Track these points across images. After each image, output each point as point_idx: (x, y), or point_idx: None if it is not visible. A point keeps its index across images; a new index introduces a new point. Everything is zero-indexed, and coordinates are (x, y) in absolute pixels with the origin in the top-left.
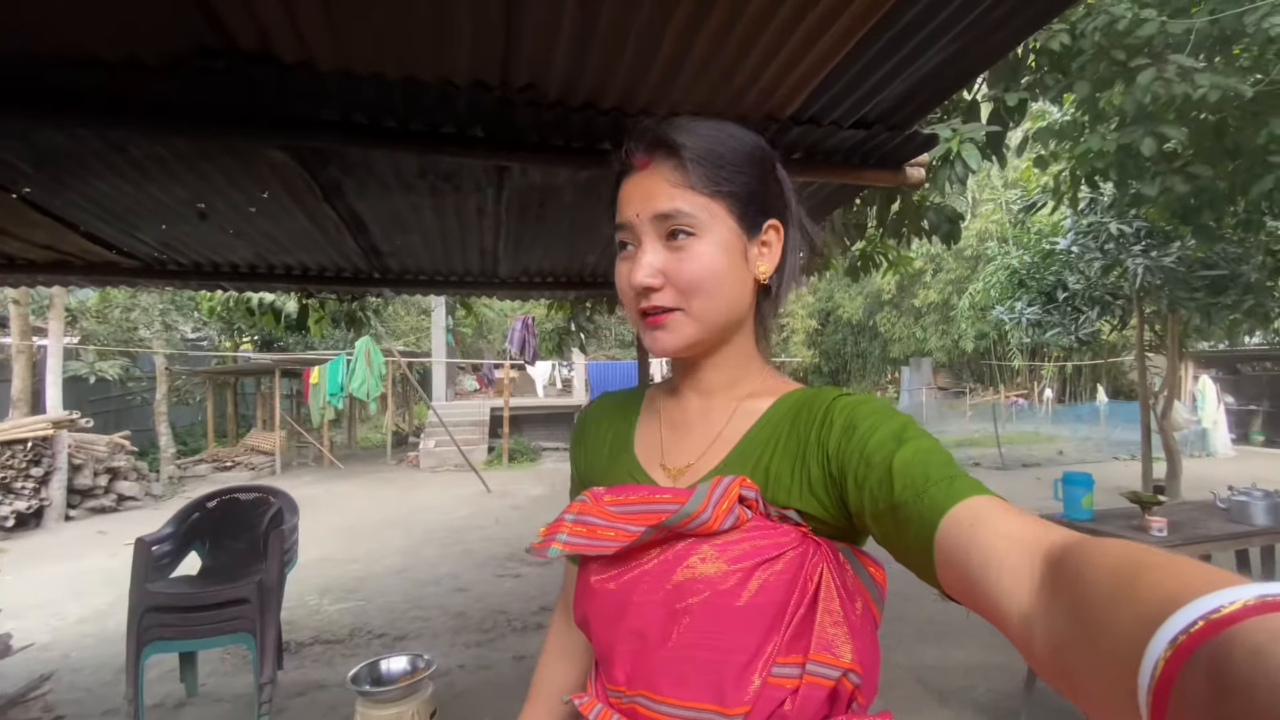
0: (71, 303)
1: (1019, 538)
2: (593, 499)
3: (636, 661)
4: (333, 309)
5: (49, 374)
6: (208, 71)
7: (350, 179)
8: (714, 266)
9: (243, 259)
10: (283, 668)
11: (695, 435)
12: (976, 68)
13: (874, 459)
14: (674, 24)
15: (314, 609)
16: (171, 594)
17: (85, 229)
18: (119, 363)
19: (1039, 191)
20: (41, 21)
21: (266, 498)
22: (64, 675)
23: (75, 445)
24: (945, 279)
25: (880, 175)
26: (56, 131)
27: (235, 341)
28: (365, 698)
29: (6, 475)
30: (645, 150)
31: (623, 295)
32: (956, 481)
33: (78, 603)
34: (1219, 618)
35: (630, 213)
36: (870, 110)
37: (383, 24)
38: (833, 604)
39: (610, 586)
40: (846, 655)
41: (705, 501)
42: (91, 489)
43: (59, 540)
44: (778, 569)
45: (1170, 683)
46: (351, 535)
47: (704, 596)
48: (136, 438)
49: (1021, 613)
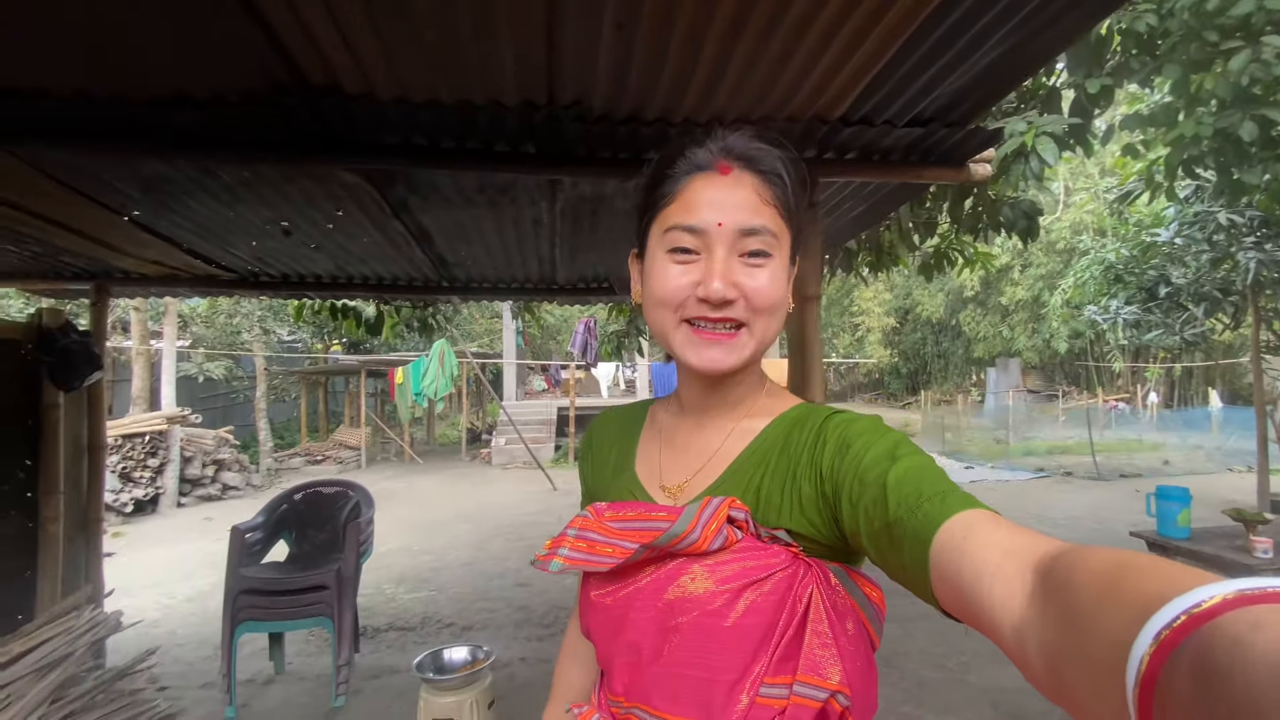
0: (183, 309)
1: (1010, 549)
2: (594, 515)
3: (633, 674)
4: (407, 315)
5: (164, 374)
6: (283, 105)
7: (415, 196)
8: (782, 291)
9: (324, 270)
10: (359, 651)
11: (692, 454)
12: (1034, 63)
13: (868, 477)
14: (713, 33)
15: (390, 597)
16: (261, 578)
17: (188, 246)
18: (224, 363)
19: (1134, 180)
20: (141, 69)
21: (346, 491)
22: (169, 650)
23: (186, 439)
24: (1035, 274)
25: (941, 173)
26: (159, 162)
27: (325, 344)
28: (429, 684)
29: (127, 465)
30: (730, 155)
31: (667, 299)
32: (949, 497)
33: (185, 583)
34: (1200, 612)
35: (710, 218)
36: (925, 107)
37: (432, 53)
38: (821, 625)
39: (608, 602)
40: (834, 677)
41: (694, 522)
42: (200, 479)
43: (171, 525)
44: (766, 590)
45: (1155, 678)
46: (427, 528)
47: (693, 616)
48: (239, 432)
49: (1014, 624)
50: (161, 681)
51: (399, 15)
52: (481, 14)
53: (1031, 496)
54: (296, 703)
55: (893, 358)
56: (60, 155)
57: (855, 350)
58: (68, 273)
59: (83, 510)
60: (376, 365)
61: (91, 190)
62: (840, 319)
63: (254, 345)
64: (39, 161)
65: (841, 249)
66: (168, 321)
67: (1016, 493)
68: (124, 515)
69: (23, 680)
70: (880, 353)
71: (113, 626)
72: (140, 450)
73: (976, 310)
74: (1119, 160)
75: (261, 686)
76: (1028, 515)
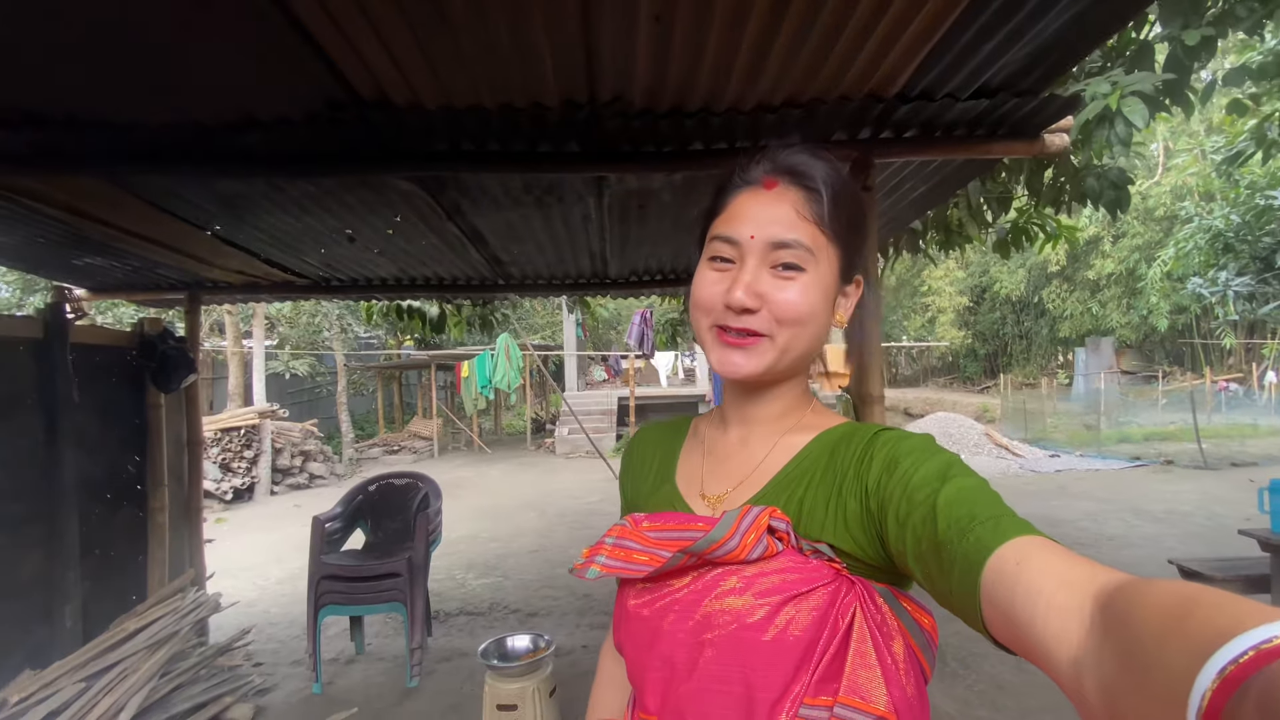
0: (270, 311)
1: (1067, 579)
2: (633, 524)
3: (666, 690)
4: (468, 313)
5: (255, 372)
6: (339, 121)
7: (466, 199)
8: (813, 304)
9: (388, 273)
10: (431, 634)
11: (734, 465)
12: (1115, 21)
13: (917, 496)
14: (754, 15)
15: (460, 583)
16: (340, 565)
17: (265, 256)
18: (307, 360)
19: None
20: (213, 97)
21: (416, 483)
22: (263, 629)
23: (276, 432)
24: (1129, 245)
25: (1013, 146)
26: (233, 180)
27: (398, 340)
28: (493, 671)
29: (226, 456)
30: (776, 171)
31: (702, 304)
32: (1003, 521)
33: (277, 566)
34: (1270, 648)
35: (744, 231)
36: (992, 77)
37: (472, 60)
38: (865, 645)
39: (644, 613)
40: (880, 701)
41: (733, 529)
42: (289, 468)
43: (265, 512)
44: (808, 605)
45: (1218, 713)
46: (494, 515)
47: (730, 629)
48: (322, 425)
49: (1071, 658)
50: (256, 658)
51: (439, 27)
52: (517, 18)
53: (1126, 487)
54: (375, 682)
55: (967, 338)
56: (149, 179)
57: (926, 333)
58: (164, 283)
59: (185, 501)
60: (445, 359)
61: (178, 209)
62: (910, 300)
63: (334, 343)
64: (131, 185)
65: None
66: (256, 323)
67: (1108, 483)
68: (225, 502)
69: (137, 655)
70: (952, 333)
71: (213, 607)
72: (237, 443)
73: (1062, 286)
74: (1226, 118)
75: (344, 665)
76: (1121, 507)
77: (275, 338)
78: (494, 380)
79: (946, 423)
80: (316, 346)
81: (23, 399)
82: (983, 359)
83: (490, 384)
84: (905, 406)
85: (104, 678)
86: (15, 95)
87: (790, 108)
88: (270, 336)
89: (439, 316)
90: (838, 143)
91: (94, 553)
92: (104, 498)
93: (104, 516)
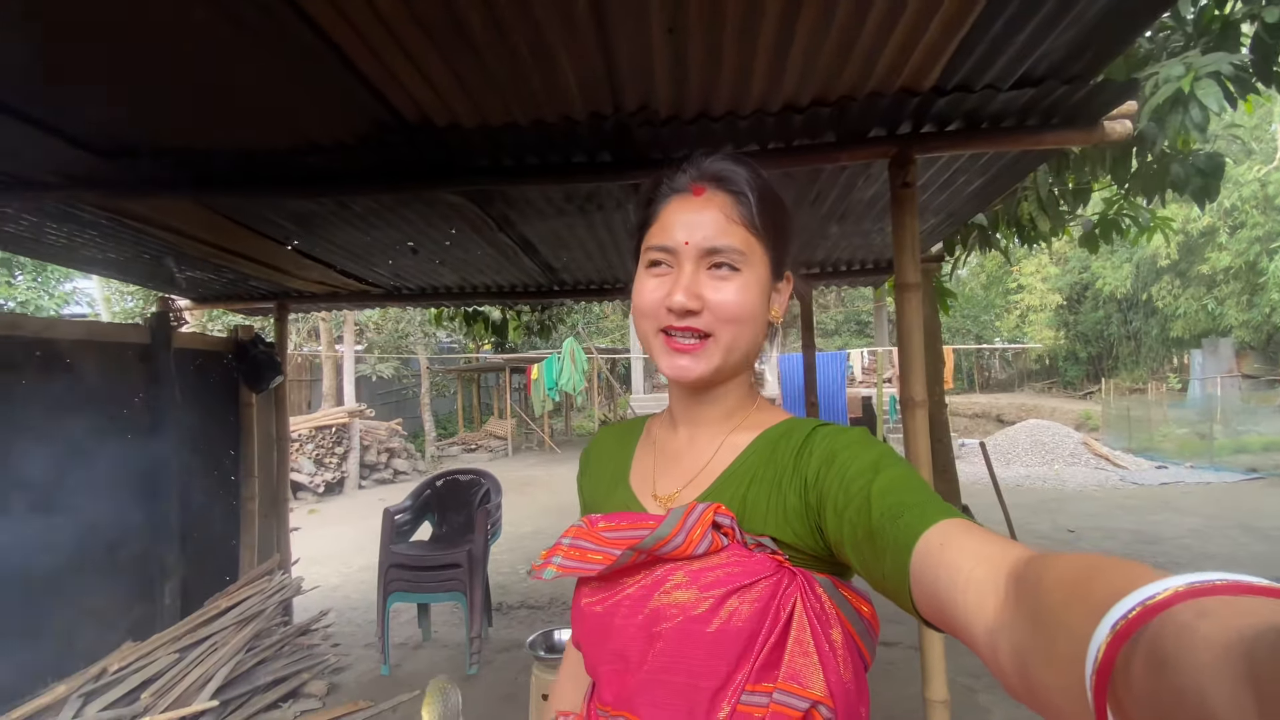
0: (360, 318)
1: (984, 556)
2: (589, 524)
3: (619, 682)
4: (528, 318)
5: (346, 374)
6: (388, 142)
7: (514, 210)
8: (750, 301)
9: (451, 281)
10: (492, 625)
11: (683, 465)
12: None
13: (852, 488)
14: (767, 19)
15: (523, 577)
16: (407, 555)
17: (340, 267)
18: (393, 364)
19: None
20: (280, 125)
21: (479, 479)
22: (342, 612)
23: (364, 430)
24: (1248, 236)
25: (1069, 135)
26: (303, 199)
27: (477, 344)
28: (540, 662)
29: (319, 452)
30: (701, 178)
31: (644, 310)
32: (929, 507)
33: (359, 555)
34: (1154, 603)
35: (678, 238)
36: (1035, 65)
37: (500, 80)
38: (804, 634)
39: (597, 610)
40: (817, 687)
41: (678, 526)
42: (376, 464)
43: (353, 504)
44: (750, 597)
45: (1111, 666)
46: (560, 513)
47: (676, 622)
48: (407, 424)
49: (987, 627)
50: (334, 639)
51: (466, 52)
52: (536, 38)
53: (1238, 502)
54: (438, 667)
55: (1063, 339)
56: (231, 200)
57: (1017, 334)
58: (255, 294)
59: (273, 492)
60: (518, 363)
61: (260, 226)
62: (1003, 300)
63: (418, 348)
64: (217, 205)
65: (975, 226)
66: (347, 329)
67: (1219, 497)
68: (318, 495)
69: (226, 630)
70: (1046, 334)
71: (295, 589)
72: (329, 440)
73: (1174, 282)
74: None
75: (411, 650)
76: (1229, 524)
77: (364, 343)
78: (560, 383)
79: (1038, 430)
80: (401, 351)
81: (132, 397)
82: (1084, 362)
83: (556, 386)
84: (998, 413)
85: (196, 650)
86: (113, 130)
87: (819, 106)
88: (359, 342)
89: (502, 321)
90: (875, 139)
91: (192, 537)
92: (202, 487)
93: (202, 504)
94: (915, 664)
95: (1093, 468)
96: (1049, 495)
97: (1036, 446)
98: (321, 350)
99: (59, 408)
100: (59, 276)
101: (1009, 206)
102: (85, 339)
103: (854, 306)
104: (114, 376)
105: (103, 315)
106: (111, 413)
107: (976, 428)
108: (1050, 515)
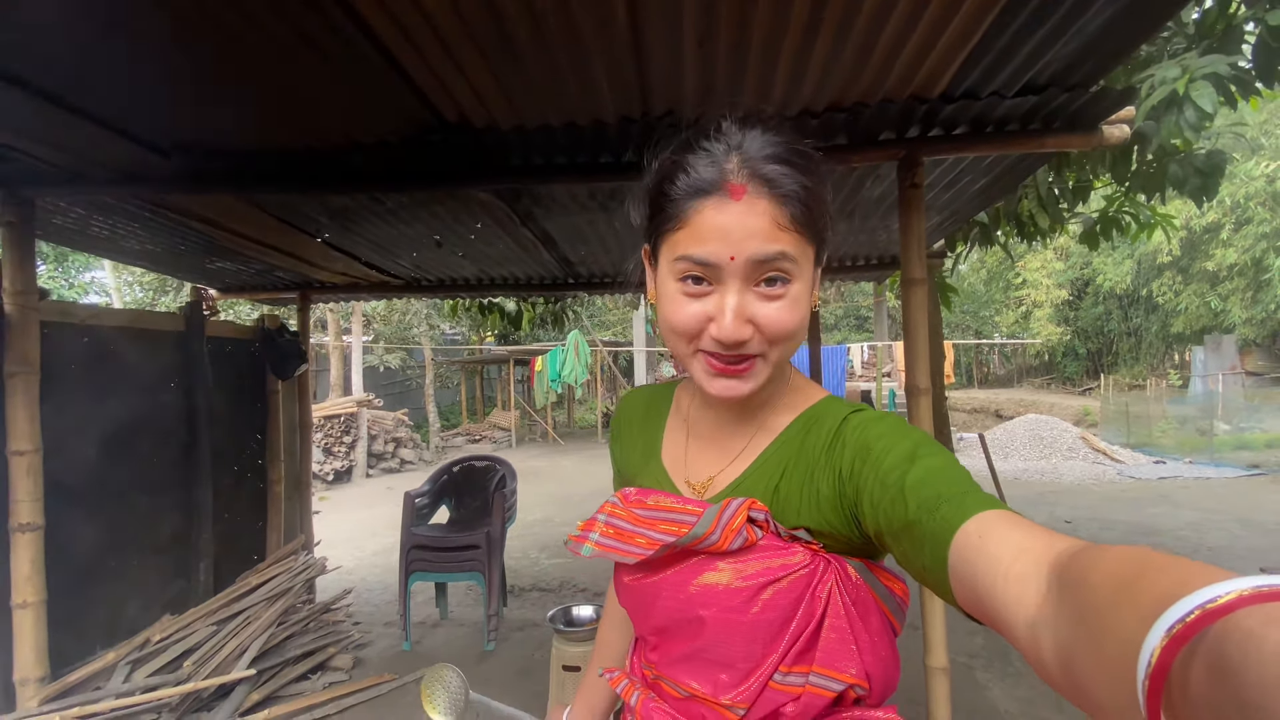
0: (366, 309)
1: (1025, 548)
2: (624, 501)
3: (662, 650)
4: (541, 309)
5: (353, 365)
6: (427, 142)
7: (539, 206)
8: (803, 314)
9: (470, 273)
10: (507, 605)
11: (717, 449)
12: (1163, 13)
13: (888, 480)
14: (790, 32)
15: (534, 562)
16: (427, 536)
17: (364, 259)
18: (399, 355)
19: None
20: (323, 125)
21: (494, 465)
22: (360, 594)
23: (371, 420)
24: (1254, 233)
25: (1070, 140)
26: (341, 195)
27: (480, 335)
28: (560, 635)
29: (328, 441)
30: (743, 176)
31: (680, 330)
32: (968, 498)
33: (373, 540)
34: (1214, 607)
35: (721, 252)
36: (1039, 73)
37: (539, 86)
38: (840, 621)
39: (638, 587)
40: (852, 671)
41: (714, 524)
42: (383, 453)
43: (361, 492)
44: (784, 586)
45: (1166, 671)
46: (566, 502)
47: (715, 610)
48: (412, 414)
49: (1028, 621)
50: (356, 618)
51: (509, 58)
52: (575, 47)
53: (1237, 497)
54: (456, 644)
55: (1066, 335)
56: (272, 195)
57: (1021, 329)
58: (280, 284)
59: (296, 475)
60: (522, 354)
61: (294, 219)
62: (1004, 294)
63: (422, 339)
64: (257, 200)
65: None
66: (355, 320)
67: (1218, 492)
68: (327, 483)
69: (257, 606)
70: (1049, 329)
71: (320, 568)
72: (337, 429)
73: (1175, 278)
74: None
75: (430, 628)
76: (1228, 518)
77: (371, 333)
78: (563, 375)
79: (1037, 425)
80: (407, 342)
81: (167, 382)
82: (1084, 358)
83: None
84: (996, 408)
85: (231, 624)
86: (167, 129)
87: (834, 111)
88: (366, 332)
89: (516, 313)
90: (885, 142)
91: (224, 517)
92: (232, 470)
93: (232, 486)
94: (916, 640)
95: (1090, 462)
96: (1046, 488)
97: (1035, 441)
98: (329, 340)
99: (104, 392)
100: (79, 266)
101: (1009, 204)
102: (128, 326)
103: (853, 302)
104: (153, 362)
105: (115, 305)
106: (151, 397)
107: (975, 422)
108: (1049, 507)
